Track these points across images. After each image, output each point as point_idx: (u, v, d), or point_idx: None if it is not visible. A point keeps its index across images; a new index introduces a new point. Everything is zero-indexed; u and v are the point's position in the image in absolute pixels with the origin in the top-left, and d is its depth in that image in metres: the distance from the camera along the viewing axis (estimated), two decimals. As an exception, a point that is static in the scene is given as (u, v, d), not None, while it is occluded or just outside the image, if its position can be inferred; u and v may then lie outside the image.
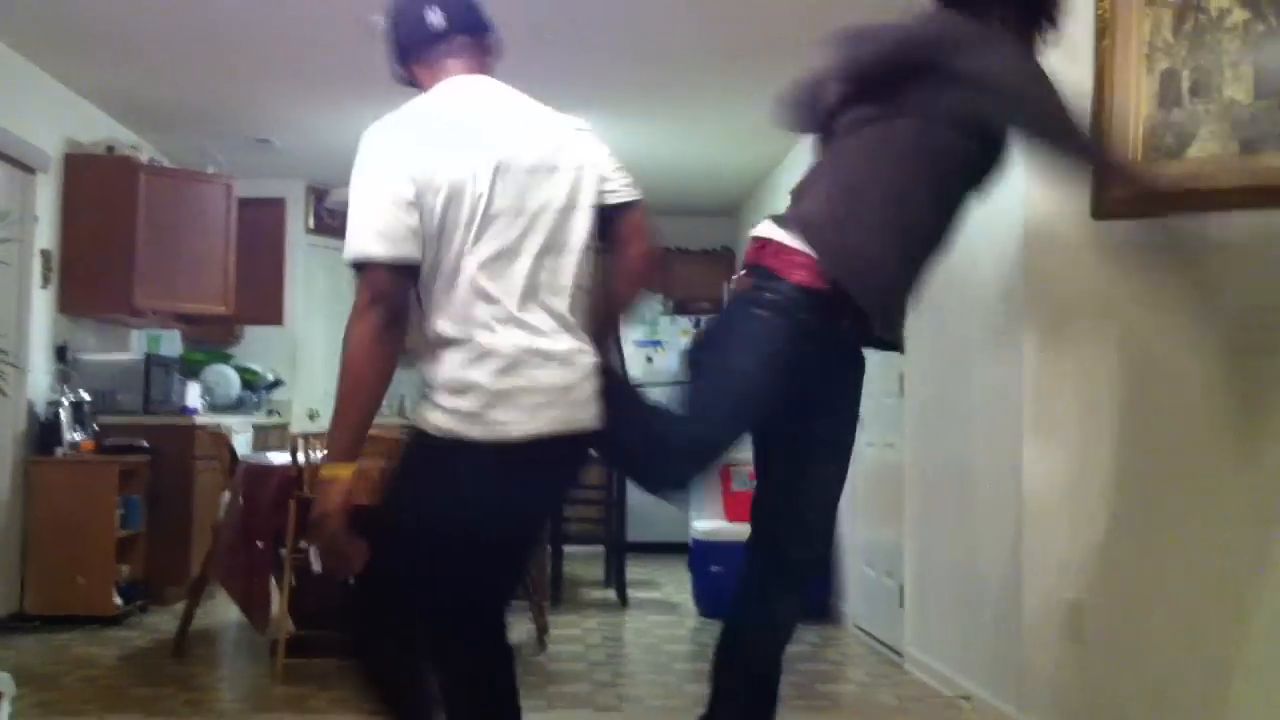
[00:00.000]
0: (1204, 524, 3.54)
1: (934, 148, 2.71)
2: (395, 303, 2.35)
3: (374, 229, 2.34)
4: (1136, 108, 3.59)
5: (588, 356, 2.48)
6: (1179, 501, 3.58)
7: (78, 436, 6.26)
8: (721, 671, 2.94)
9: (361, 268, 2.34)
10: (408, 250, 2.35)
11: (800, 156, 7.63)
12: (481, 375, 2.36)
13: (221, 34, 5.75)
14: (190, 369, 8.00)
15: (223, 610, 6.31)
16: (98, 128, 7.02)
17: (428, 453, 2.43)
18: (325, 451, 2.40)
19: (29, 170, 6.12)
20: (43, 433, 6.21)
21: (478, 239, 2.38)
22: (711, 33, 5.67)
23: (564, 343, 2.44)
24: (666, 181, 9.07)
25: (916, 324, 3.25)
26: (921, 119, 2.71)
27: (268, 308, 8.41)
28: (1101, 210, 3.66)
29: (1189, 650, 3.55)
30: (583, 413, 2.45)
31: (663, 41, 5.84)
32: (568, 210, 2.49)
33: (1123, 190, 2.99)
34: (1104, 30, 3.65)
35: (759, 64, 6.10)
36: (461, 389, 2.37)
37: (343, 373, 2.34)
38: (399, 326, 2.37)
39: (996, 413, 4.27)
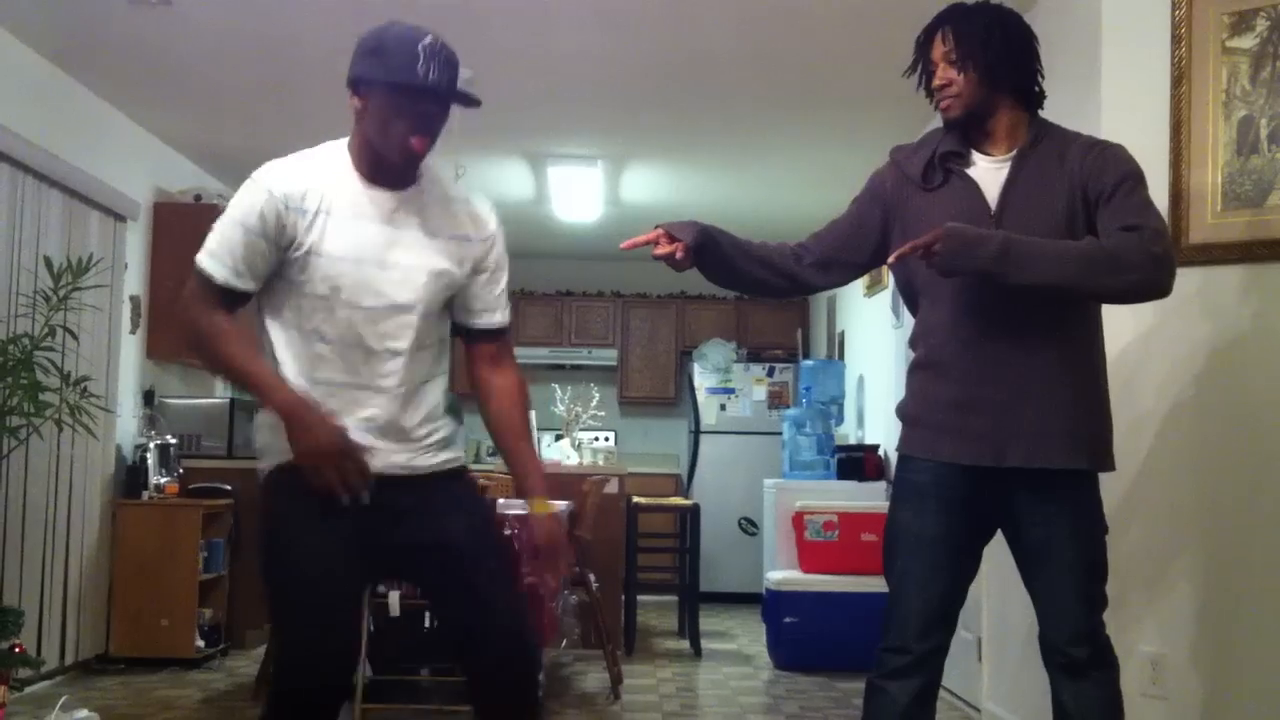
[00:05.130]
0: (1289, 578, 3.47)
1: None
2: None
3: None
4: (1214, 156, 3.56)
5: None
6: (1262, 553, 3.51)
7: (163, 479, 6.38)
8: None
9: None
10: None
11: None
12: None
13: (304, 86, 5.89)
14: (272, 414, 8.13)
15: (301, 653, 6.36)
16: (185, 176, 7.21)
17: None
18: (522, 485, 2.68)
19: (119, 218, 6.29)
20: (129, 476, 6.35)
21: None
22: (781, 83, 5.71)
23: None
24: (738, 229, 9.10)
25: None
26: None
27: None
28: (1179, 259, 3.63)
29: (1275, 705, 3.48)
30: None
31: (734, 96, 5.89)
32: None
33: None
34: (1180, 78, 3.64)
35: (825, 113, 6.14)
36: None
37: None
38: None
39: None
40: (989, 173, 2.78)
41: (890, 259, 2.74)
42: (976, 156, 2.80)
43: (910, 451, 2.85)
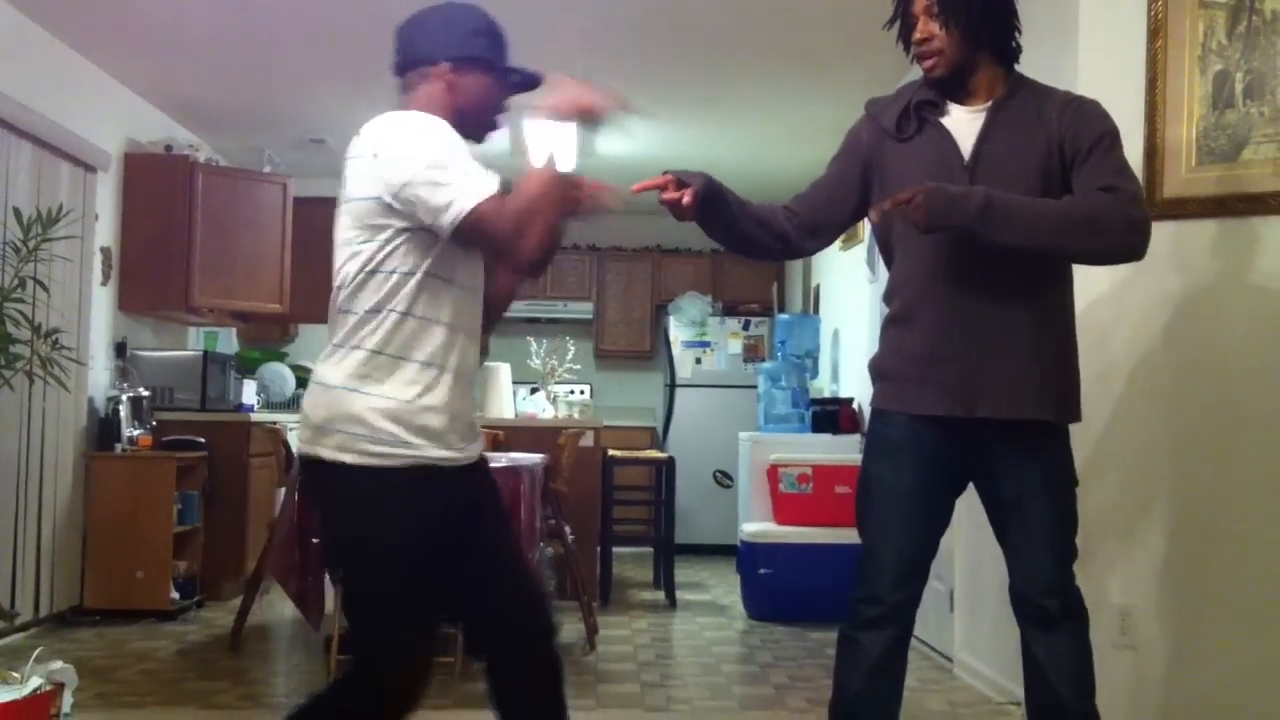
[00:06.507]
0: (1257, 528, 3.51)
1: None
2: None
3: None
4: (1190, 110, 3.57)
5: (314, 382, 2.49)
6: (1232, 505, 3.55)
7: (136, 432, 6.36)
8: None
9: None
10: None
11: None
12: None
13: (276, 36, 5.84)
14: (246, 366, 8.10)
15: (278, 606, 6.39)
16: (157, 127, 7.13)
17: None
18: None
19: (90, 169, 6.22)
20: (102, 428, 6.32)
21: None
22: (759, 36, 5.69)
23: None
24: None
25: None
26: None
27: (322, 306, 8.40)
28: (1152, 213, 3.64)
29: (1241, 655, 3.53)
30: (300, 435, 2.49)
31: (712, 46, 5.86)
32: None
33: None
34: (1156, 31, 3.64)
35: (807, 66, 6.12)
36: None
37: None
38: None
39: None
40: (963, 123, 2.77)
41: (872, 215, 2.73)
42: (952, 106, 2.80)
43: (882, 405, 2.86)
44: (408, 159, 2.37)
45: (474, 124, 2.57)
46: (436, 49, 2.57)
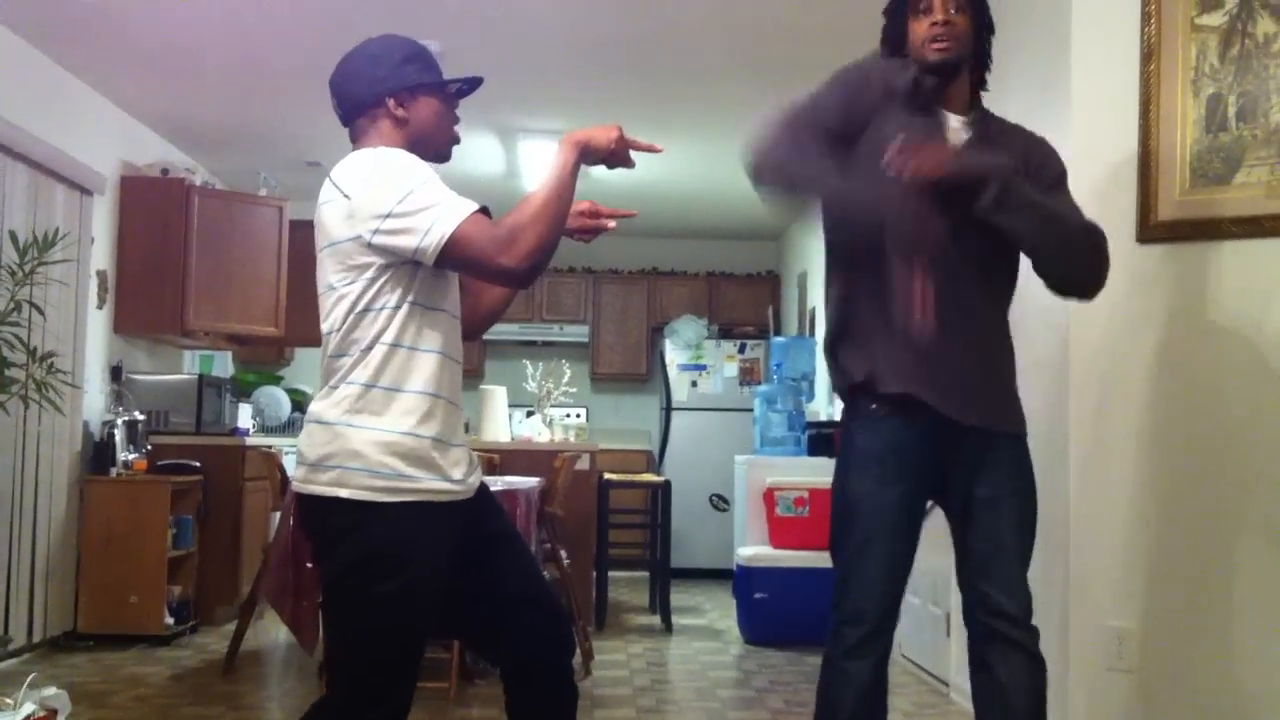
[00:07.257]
0: (1252, 552, 3.50)
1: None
2: None
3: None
4: (1183, 133, 3.58)
5: (310, 422, 2.45)
6: (1227, 529, 3.54)
7: (131, 456, 6.34)
8: None
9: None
10: None
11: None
12: None
13: (273, 59, 5.85)
14: (241, 390, 8.09)
15: (272, 630, 6.36)
16: (153, 150, 7.14)
17: None
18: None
19: (86, 192, 6.23)
20: (97, 452, 6.31)
21: None
22: (755, 56, 5.70)
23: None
24: (712, 206, 9.11)
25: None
26: None
27: (318, 329, 8.45)
28: (1146, 235, 3.65)
29: (1236, 679, 3.52)
30: (296, 474, 2.47)
31: (707, 66, 5.88)
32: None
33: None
34: (1150, 54, 3.65)
35: (795, 83, 6.11)
36: None
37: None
38: None
39: (1042, 441, 4.23)
40: (952, 131, 2.79)
41: (889, 156, 2.55)
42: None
43: (886, 389, 2.73)
44: (382, 193, 2.35)
45: (433, 147, 2.56)
46: (374, 88, 2.60)
